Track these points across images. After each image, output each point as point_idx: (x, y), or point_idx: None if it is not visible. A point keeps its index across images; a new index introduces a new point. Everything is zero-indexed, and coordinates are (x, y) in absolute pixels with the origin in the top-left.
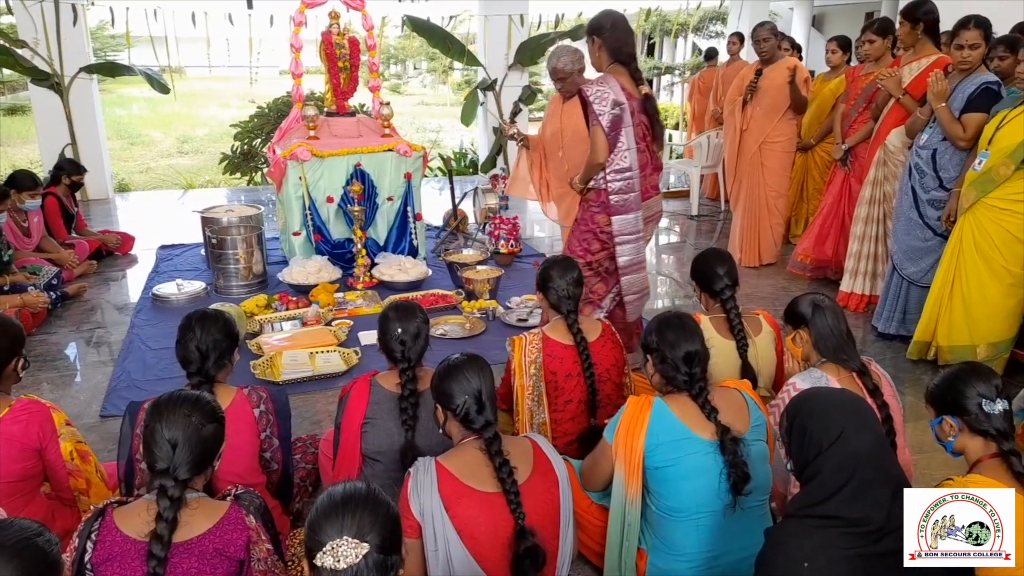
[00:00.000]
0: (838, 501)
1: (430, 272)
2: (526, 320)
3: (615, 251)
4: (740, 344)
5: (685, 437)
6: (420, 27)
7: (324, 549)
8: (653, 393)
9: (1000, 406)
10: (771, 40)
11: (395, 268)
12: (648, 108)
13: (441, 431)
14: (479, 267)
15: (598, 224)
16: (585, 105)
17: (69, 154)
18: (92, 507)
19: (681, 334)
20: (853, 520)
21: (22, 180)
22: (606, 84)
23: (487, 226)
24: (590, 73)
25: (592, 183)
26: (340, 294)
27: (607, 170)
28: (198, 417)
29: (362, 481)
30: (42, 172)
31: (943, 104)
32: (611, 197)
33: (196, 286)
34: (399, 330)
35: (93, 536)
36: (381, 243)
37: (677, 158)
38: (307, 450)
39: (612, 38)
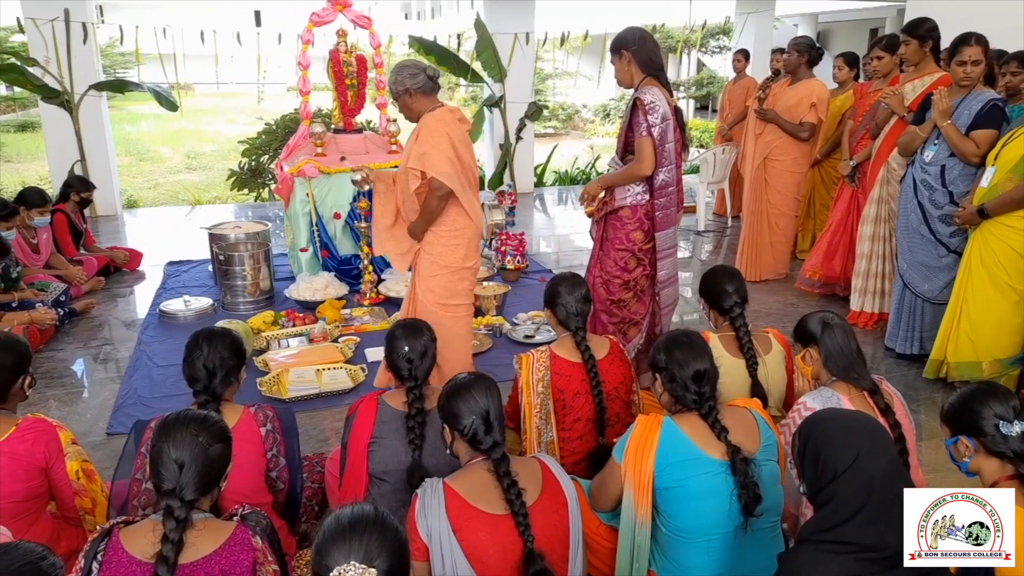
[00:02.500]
0: (853, 526)
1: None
2: (533, 336)
3: (656, 267)
4: (750, 362)
5: (695, 457)
6: (426, 47)
7: (331, 574)
8: (662, 412)
9: (1018, 428)
10: (793, 55)
11: (402, 284)
12: (679, 120)
13: (448, 451)
14: (486, 283)
15: (635, 243)
16: (636, 112)
17: (78, 171)
18: (98, 527)
19: (690, 353)
20: (868, 545)
21: (31, 197)
22: (655, 95)
23: (494, 242)
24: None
25: (631, 199)
26: (347, 310)
27: (654, 187)
28: (205, 437)
29: (370, 504)
30: (51, 189)
31: (948, 122)
32: (657, 213)
33: (203, 302)
34: (406, 348)
35: (99, 557)
36: (388, 259)
37: (684, 173)
38: (314, 469)
39: (642, 50)
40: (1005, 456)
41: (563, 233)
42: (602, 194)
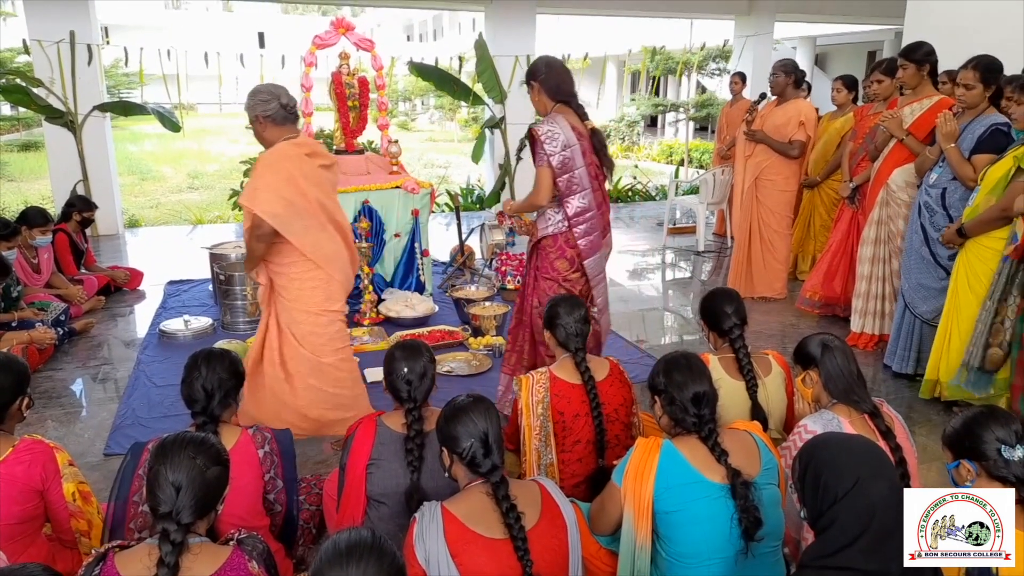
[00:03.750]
0: (854, 552)
1: (437, 308)
2: None
3: (592, 295)
4: (750, 385)
5: (695, 481)
6: (425, 72)
7: None
8: (662, 435)
9: (1020, 452)
10: (780, 77)
11: (402, 304)
12: (596, 143)
13: (447, 474)
14: (485, 303)
15: (559, 271)
16: (534, 142)
17: (81, 190)
18: (93, 551)
19: (688, 375)
20: (870, 572)
21: (33, 217)
22: (556, 124)
23: (494, 262)
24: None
25: (551, 228)
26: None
27: (570, 215)
28: (203, 460)
29: (367, 529)
30: (54, 208)
31: (953, 145)
32: (579, 241)
33: (203, 322)
34: (405, 369)
35: None
36: (388, 279)
37: (683, 194)
38: (311, 491)
39: (549, 78)
40: (1007, 481)
41: None
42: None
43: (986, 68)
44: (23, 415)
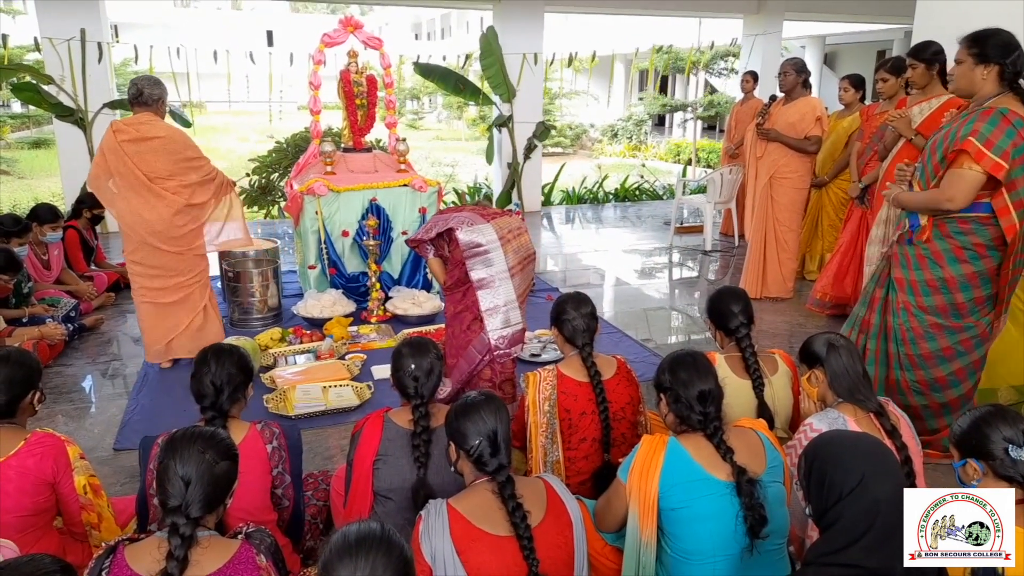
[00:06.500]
0: (858, 549)
1: (443, 306)
2: (539, 355)
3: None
4: (756, 383)
5: (700, 478)
6: (430, 72)
7: None
8: (668, 433)
9: None
10: (791, 75)
11: (409, 302)
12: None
13: (452, 468)
14: None
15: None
16: (451, 242)
17: None
18: (104, 543)
19: (694, 372)
20: (874, 570)
21: (43, 214)
22: (476, 231)
23: None
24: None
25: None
26: (354, 328)
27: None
28: (212, 454)
29: (376, 521)
30: (64, 205)
31: None
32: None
33: None
34: (412, 366)
35: (104, 573)
36: (395, 277)
37: (691, 193)
38: (319, 487)
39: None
40: (1014, 480)
41: (570, 252)
42: None
43: None
44: (35, 409)
